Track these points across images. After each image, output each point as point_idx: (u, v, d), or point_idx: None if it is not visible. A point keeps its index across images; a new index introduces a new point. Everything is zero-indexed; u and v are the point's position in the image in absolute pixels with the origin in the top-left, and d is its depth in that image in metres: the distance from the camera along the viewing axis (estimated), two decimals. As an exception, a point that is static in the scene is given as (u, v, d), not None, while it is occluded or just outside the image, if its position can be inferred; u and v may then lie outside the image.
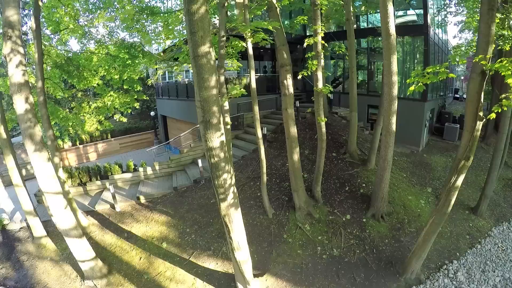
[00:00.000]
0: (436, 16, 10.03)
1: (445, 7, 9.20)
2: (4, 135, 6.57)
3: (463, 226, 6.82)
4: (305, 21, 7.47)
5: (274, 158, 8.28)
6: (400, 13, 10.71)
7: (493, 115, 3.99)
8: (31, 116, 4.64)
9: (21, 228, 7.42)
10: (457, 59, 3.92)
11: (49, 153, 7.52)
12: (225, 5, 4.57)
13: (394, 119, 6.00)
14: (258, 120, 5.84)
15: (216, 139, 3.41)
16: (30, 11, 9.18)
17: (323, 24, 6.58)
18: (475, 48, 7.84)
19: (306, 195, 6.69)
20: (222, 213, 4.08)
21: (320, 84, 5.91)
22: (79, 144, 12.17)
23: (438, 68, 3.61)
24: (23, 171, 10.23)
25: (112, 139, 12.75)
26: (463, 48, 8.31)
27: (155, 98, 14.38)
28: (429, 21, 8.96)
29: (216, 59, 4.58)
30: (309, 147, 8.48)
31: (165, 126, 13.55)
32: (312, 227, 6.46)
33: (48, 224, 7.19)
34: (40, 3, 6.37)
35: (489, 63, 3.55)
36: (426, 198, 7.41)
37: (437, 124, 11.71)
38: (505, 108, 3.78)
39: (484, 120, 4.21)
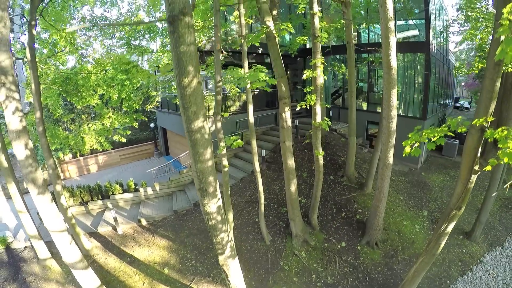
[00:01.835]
0: (438, 37, 9.76)
1: (447, 28, 8.95)
2: (6, 164, 6.67)
3: (456, 252, 6.99)
4: (305, 41, 7.33)
5: (272, 182, 8.37)
6: (402, 22, 10.38)
7: (489, 167, 4.00)
8: (31, 161, 4.70)
9: (25, 247, 7.62)
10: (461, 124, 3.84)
11: (49, 176, 7.66)
12: (221, 50, 4.49)
13: (391, 153, 6.03)
14: (256, 154, 5.88)
15: (213, 205, 3.49)
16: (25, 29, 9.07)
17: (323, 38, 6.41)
18: (476, 68, 7.75)
19: (303, 223, 6.83)
20: (220, 263, 4.23)
21: (318, 118, 5.89)
22: (80, 156, 12.28)
23: (436, 133, 3.59)
24: (24, 184, 10.40)
25: (113, 151, 12.83)
26: (464, 70, 8.17)
27: (154, 109, 14.30)
28: (431, 39, 8.74)
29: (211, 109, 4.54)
30: (307, 169, 8.53)
31: (165, 138, 13.57)
32: (308, 255, 6.65)
33: (52, 245, 7.36)
34: (34, 32, 6.25)
35: (489, 128, 3.53)
36: (421, 223, 7.55)
37: (437, 138, 11.64)
38: (502, 162, 3.79)
39: (479, 172, 4.25)
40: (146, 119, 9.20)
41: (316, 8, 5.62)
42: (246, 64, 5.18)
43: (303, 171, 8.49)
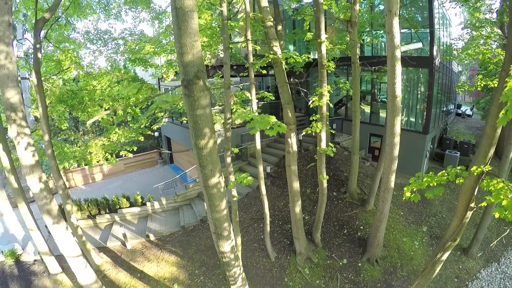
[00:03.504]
0: (443, 51, 9.74)
1: (452, 45, 8.97)
2: (15, 184, 6.79)
3: (453, 268, 7.28)
4: (309, 59, 7.37)
5: (276, 198, 8.57)
6: (405, 30, 10.32)
7: (484, 204, 4.19)
8: (46, 194, 4.86)
9: (35, 260, 7.77)
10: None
11: (54, 186, 7.83)
12: (229, 85, 4.56)
13: (393, 177, 6.22)
14: (262, 178, 6.02)
15: (227, 246, 3.69)
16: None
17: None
18: (478, 85, 7.85)
19: (307, 242, 7.08)
20: (231, 292, 4.46)
21: (323, 144, 6.02)
22: (85, 164, 12.38)
23: (435, 181, 3.74)
24: (30, 193, 10.55)
25: (117, 159, 12.94)
26: (466, 87, 8.27)
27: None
28: (435, 55, 8.76)
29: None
30: (311, 185, 8.72)
31: (169, 147, 13.69)
32: (311, 271, 6.92)
33: (62, 259, 7.57)
34: (39, 55, 6.24)
35: (486, 178, 3.67)
36: (421, 239, 7.81)
37: (438, 150, 11.81)
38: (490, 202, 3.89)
39: (475, 208, 4.45)
40: (152, 134, 9.32)
41: (323, 36, 5.66)
42: (253, 93, 5.23)
43: (307, 187, 8.68)
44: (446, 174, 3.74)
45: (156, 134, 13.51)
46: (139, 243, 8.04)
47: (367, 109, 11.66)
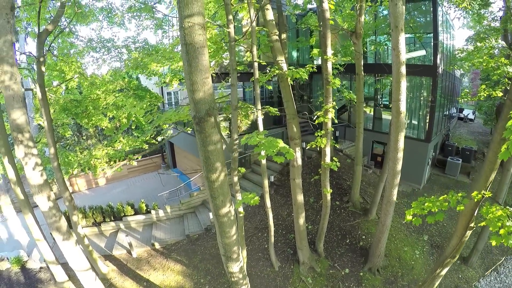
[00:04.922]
0: (447, 59, 9.71)
1: (457, 55, 8.95)
2: (22, 196, 6.85)
3: (453, 277, 7.43)
4: (314, 69, 7.38)
5: (280, 207, 8.66)
6: (407, 35, 10.25)
7: (483, 224, 4.27)
8: (55, 212, 4.95)
9: (41, 268, 7.86)
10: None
11: (58, 190, 7.93)
12: (237, 107, 4.60)
13: (395, 191, 6.29)
14: (267, 192, 6.10)
15: (236, 267, 3.81)
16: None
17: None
18: (481, 95, 7.89)
19: (310, 252, 7.21)
20: (238, 309, 4.57)
21: (327, 159, 6.08)
22: (88, 169, 12.46)
23: (437, 207, 3.81)
24: (33, 198, 10.62)
25: (120, 164, 13.01)
26: (469, 97, 8.28)
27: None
28: (438, 63, 8.76)
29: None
30: (314, 194, 8.81)
31: (172, 152, 13.74)
32: (314, 281, 7.07)
33: (68, 267, 7.70)
34: (43, 68, 6.23)
35: (485, 205, 3.73)
36: (421, 248, 7.94)
37: (440, 156, 11.88)
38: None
39: (475, 228, 4.56)
40: (157, 142, 9.37)
41: (329, 53, 5.67)
42: (260, 120, 5.24)
43: (310, 196, 8.77)
44: (447, 201, 3.80)
45: (159, 138, 13.54)
46: (144, 251, 8.17)
47: (369, 111, 11.65)
